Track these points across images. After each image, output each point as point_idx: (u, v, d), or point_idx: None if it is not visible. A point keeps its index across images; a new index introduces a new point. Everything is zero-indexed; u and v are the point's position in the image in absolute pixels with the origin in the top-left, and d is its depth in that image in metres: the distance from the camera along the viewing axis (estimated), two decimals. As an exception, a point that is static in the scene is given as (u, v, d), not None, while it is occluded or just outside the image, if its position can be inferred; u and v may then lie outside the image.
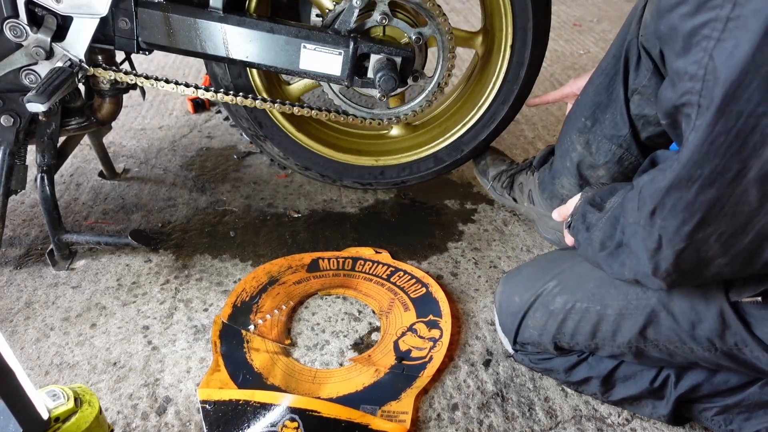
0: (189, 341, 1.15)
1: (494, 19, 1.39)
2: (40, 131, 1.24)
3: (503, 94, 1.41)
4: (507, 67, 1.38)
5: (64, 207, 1.53)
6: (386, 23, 1.21)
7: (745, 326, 0.79)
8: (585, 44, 2.80)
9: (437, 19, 1.22)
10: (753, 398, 0.90)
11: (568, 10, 3.32)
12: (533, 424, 1.00)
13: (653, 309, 0.86)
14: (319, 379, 1.08)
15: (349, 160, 1.47)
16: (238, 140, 1.88)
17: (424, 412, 1.02)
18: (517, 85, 1.39)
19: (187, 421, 0.99)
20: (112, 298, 1.25)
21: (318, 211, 1.55)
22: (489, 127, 1.45)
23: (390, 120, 1.35)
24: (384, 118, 1.35)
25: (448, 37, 1.25)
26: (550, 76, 2.41)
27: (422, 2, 1.19)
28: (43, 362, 1.10)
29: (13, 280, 1.29)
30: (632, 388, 0.97)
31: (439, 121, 1.54)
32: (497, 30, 1.38)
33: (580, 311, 0.93)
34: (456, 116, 1.50)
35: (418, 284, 1.29)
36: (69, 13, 1.11)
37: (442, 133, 1.48)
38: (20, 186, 1.25)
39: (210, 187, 1.64)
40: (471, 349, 1.15)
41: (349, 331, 1.19)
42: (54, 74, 1.11)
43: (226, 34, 1.17)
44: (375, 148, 1.51)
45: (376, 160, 1.48)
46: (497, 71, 1.40)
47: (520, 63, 1.36)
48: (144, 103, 2.11)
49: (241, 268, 1.34)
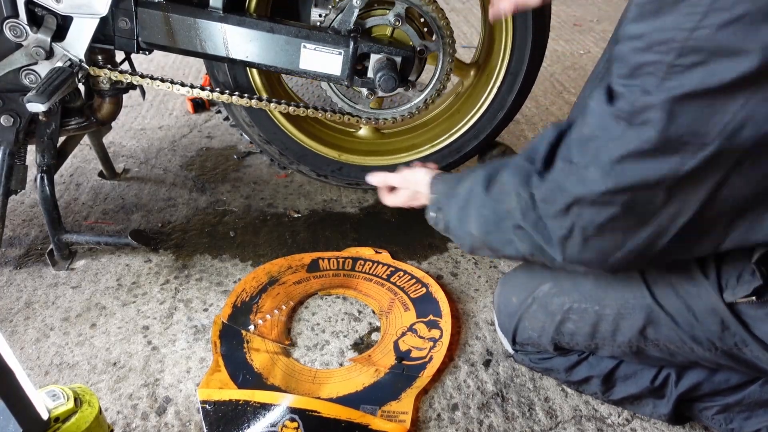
0: (189, 341, 1.15)
1: (490, 57, 1.42)
2: (40, 131, 1.24)
3: (477, 130, 1.44)
4: (487, 109, 1.41)
5: (64, 207, 1.52)
6: (398, 26, 1.21)
7: (743, 327, 0.79)
8: (585, 44, 2.80)
9: (445, 39, 1.24)
10: (753, 397, 0.90)
11: (568, 10, 3.32)
12: (533, 424, 1.00)
13: (651, 309, 0.86)
14: (319, 379, 1.07)
15: (312, 146, 1.45)
16: (238, 140, 1.88)
17: (424, 412, 1.02)
18: (491, 126, 1.43)
19: (187, 421, 0.99)
20: (112, 298, 1.25)
21: (318, 211, 1.55)
22: (454, 156, 1.47)
23: (368, 119, 1.35)
24: (362, 116, 1.34)
25: (449, 59, 1.27)
26: (550, 76, 2.41)
27: (438, 18, 1.20)
28: (42, 362, 1.10)
29: (13, 280, 1.29)
30: (633, 387, 0.97)
31: (408, 136, 1.55)
32: (490, 67, 1.41)
33: (578, 312, 0.93)
34: (425, 137, 1.51)
35: (418, 284, 1.29)
36: (69, 13, 1.11)
37: (408, 149, 1.49)
38: (20, 186, 1.25)
39: (210, 187, 1.64)
40: (471, 349, 1.14)
41: (349, 331, 1.19)
42: (54, 74, 1.11)
43: (226, 33, 1.17)
44: (340, 143, 1.50)
45: (338, 155, 1.47)
46: (479, 106, 1.43)
47: (501, 105, 1.41)
48: (144, 103, 2.11)
49: (241, 268, 1.34)
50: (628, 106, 0.65)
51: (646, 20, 0.63)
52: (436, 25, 1.22)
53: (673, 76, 0.61)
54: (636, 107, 0.64)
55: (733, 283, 0.77)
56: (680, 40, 0.59)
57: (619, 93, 0.67)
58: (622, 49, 0.66)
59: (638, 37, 0.64)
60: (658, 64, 0.62)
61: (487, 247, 0.89)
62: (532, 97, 2.14)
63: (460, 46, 2.62)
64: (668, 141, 0.63)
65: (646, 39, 0.63)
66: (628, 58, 0.65)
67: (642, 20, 0.63)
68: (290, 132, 1.42)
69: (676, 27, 0.60)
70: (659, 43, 0.61)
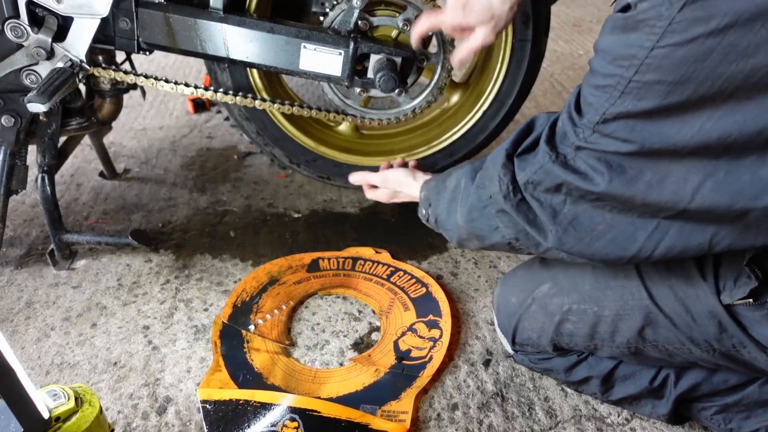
0: (189, 341, 1.15)
1: (481, 80, 1.44)
2: (41, 131, 1.24)
3: (454, 148, 1.47)
4: (468, 130, 1.44)
5: (65, 207, 1.53)
6: (405, 30, 1.21)
7: (741, 329, 0.79)
8: (585, 44, 2.81)
9: (446, 54, 1.25)
10: (752, 397, 0.90)
11: (568, 11, 3.33)
12: (533, 423, 1.00)
13: (649, 310, 0.86)
14: (319, 379, 1.08)
15: (293, 133, 1.43)
16: (239, 140, 1.88)
17: (424, 412, 1.02)
18: (467, 148, 1.46)
19: (187, 421, 0.99)
20: (112, 298, 1.25)
21: (318, 211, 1.56)
22: (426, 171, 1.47)
23: (353, 117, 1.35)
24: (349, 113, 1.34)
25: (445, 75, 1.28)
26: (549, 76, 2.41)
27: (447, 33, 1.21)
28: (43, 362, 1.10)
29: (13, 280, 1.30)
30: (632, 387, 0.97)
31: (385, 140, 1.55)
32: (479, 90, 1.43)
33: (577, 313, 0.93)
34: (403, 145, 1.52)
35: (418, 284, 1.29)
36: (70, 14, 1.11)
37: (384, 153, 1.50)
38: (21, 186, 1.25)
39: (210, 187, 1.65)
40: (471, 349, 1.15)
41: (349, 331, 1.19)
42: (55, 74, 1.11)
43: (226, 34, 1.18)
44: (318, 134, 1.49)
45: (316, 146, 1.46)
46: (461, 126, 1.45)
47: (482, 129, 1.44)
48: (144, 104, 2.12)
49: (241, 268, 1.34)
50: (596, 117, 0.68)
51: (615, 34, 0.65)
52: (441, 38, 1.24)
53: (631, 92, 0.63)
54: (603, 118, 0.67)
55: (731, 285, 0.77)
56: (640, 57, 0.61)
57: (588, 102, 0.69)
58: (592, 60, 0.70)
59: (604, 52, 0.67)
60: (618, 78, 0.64)
61: (474, 236, 0.91)
62: (532, 97, 2.15)
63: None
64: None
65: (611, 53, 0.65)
66: (595, 67, 0.68)
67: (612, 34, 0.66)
68: (272, 115, 1.41)
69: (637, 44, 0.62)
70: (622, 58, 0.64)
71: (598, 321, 0.91)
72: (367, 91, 1.26)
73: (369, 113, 1.34)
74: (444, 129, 1.48)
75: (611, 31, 0.66)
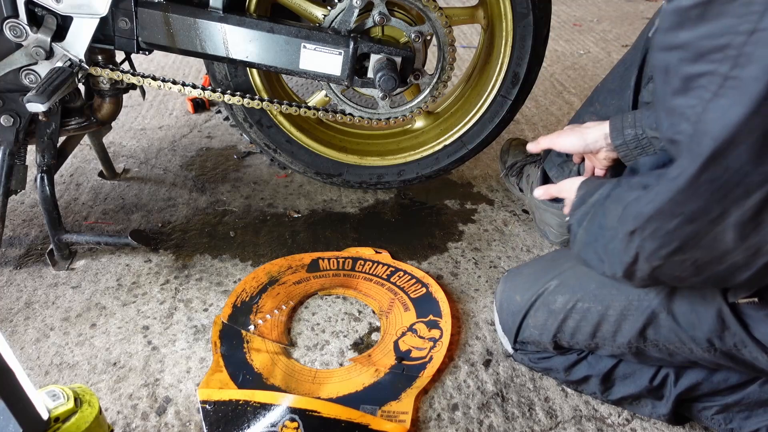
0: (189, 341, 1.15)
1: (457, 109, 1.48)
2: (40, 131, 1.24)
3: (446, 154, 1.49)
4: (460, 137, 1.47)
5: (64, 207, 1.53)
6: (385, 23, 1.21)
7: (743, 327, 0.79)
8: (585, 44, 2.80)
9: (444, 73, 1.28)
10: (753, 397, 0.90)
11: (568, 10, 3.33)
12: (533, 424, 1.00)
13: (654, 310, 0.86)
14: (319, 380, 1.07)
15: (286, 126, 1.43)
16: (238, 140, 1.88)
17: (424, 412, 1.02)
18: (465, 150, 1.48)
19: (187, 421, 0.99)
20: (112, 298, 1.25)
21: (318, 211, 1.55)
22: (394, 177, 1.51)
23: (333, 112, 1.35)
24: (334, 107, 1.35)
25: (429, 98, 1.30)
26: (549, 76, 2.41)
27: (448, 52, 1.23)
28: (43, 362, 1.10)
29: (13, 280, 1.29)
30: (631, 386, 0.97)
31: (363, 141, 1.56)
32: (452, 121, 1.47)
33: (581, 311, 0.93)
34: (381, 148, 1.53)
35: (418, 284, 1.29)
36: (69, 13, 1.11)
37: (360, 153, 1.50)
38: (20, 186, 1.25)
39: (210, 187, 1.64)
40: (471, 349, 1.15)
41: (349, 331, 1.19)
42: (54, 74, 1.11)
43: (226, 34, 1.18)
44: (299, 122, 1.48)
45: (293, 132, 1.45)
46: (436, 144, 1.48)
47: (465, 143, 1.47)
48: (144, 103, 2.11)
49: (241, 268, 1.34)
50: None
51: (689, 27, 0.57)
52: (443, 55, 1.26)
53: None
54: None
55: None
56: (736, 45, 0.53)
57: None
58: (666, 59, 0.61)
59: (682, 47, 0.58)
60: (711, 76, 0.56)
61: (582, 259, 0.87)
62: (532, 97, 2.15)
63: (459, 45, 2.62)
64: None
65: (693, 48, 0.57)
66: (675, 68, 0.60)
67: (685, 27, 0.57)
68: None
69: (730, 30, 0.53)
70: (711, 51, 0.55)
71: (601, 320, 0.91)
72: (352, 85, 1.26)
73: (349, 108, 1.35)
74: (423, 142, 1.51)
75: (680, 25, 0.57)
